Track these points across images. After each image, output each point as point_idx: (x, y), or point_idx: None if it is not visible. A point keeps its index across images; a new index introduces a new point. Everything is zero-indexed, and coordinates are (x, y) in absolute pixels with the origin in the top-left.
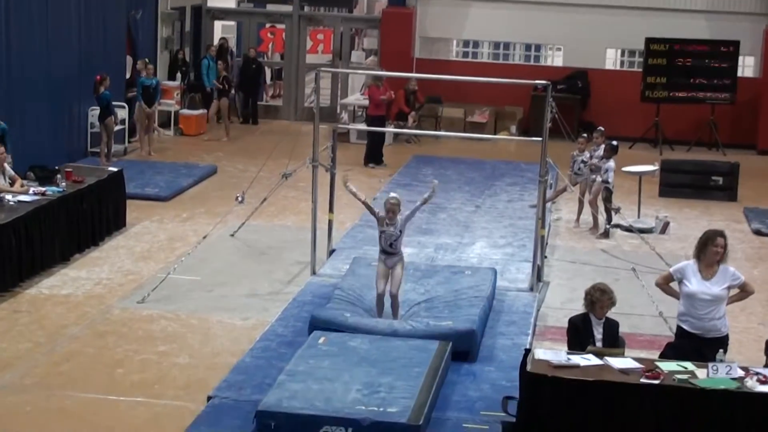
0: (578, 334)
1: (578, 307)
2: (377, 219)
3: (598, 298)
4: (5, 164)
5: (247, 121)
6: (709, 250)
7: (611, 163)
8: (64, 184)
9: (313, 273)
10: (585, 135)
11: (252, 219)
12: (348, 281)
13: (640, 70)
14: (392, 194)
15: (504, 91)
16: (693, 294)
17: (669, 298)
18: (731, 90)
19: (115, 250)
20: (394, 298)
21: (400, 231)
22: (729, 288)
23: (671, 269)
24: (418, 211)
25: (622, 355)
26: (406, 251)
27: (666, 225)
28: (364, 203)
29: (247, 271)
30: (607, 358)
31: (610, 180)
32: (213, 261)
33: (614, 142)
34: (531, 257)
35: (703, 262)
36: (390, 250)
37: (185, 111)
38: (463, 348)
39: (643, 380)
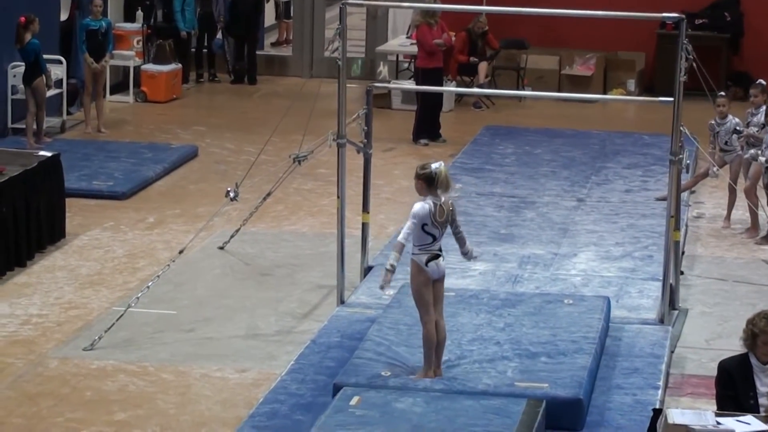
0: (733, 386)
1: (732, 347)
2: None
3: (764, 329)
4: None
5: (240, 79)
6: None
7: None
8: None
9: (342, 302)
10: (723, 94)
11: (250, 224)
12: (392, 315)
13: None
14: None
15: (617, 30)
16: None
17: None
18: None
19: (51, 272)
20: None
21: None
22: None
23: None
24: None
25: None
26: (476, 267)
27: None
28: None
29: (244, 300)
30: None
31: None
32: (194, 287)
33: None
34: (660, 274)
35: None
36: None
37: (150, 66)
38: (563, 422)
39: None
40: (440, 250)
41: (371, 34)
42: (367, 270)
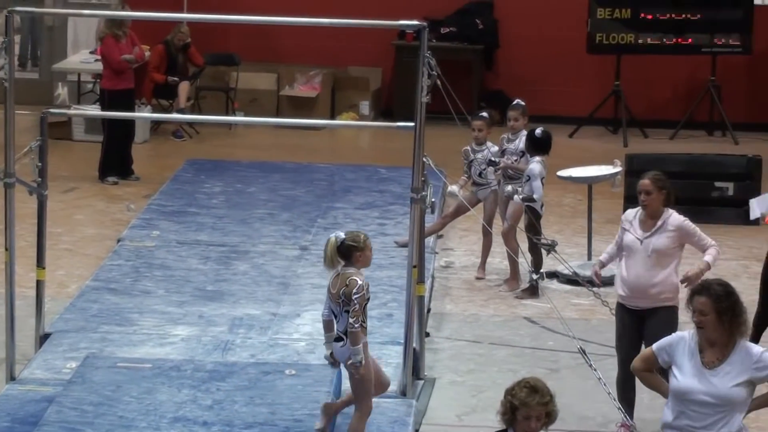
0: None
1: (489, 422)
2: None
3: (525, 401)
4: None
5: None
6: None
7: (536, 166)
8: None
9: (12, 378)
10: (484, 114)
11: None
12: (75, 393)
13: None
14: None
15: (347, 41)
16: (684, 392)
17: (655, 394)
18: (743, 30)
19: None
20: None
21: None
22: (749, 383)
23: (654, 346)
24: None
25: None
26: (177, 332)
27: None
28: None
29: None
30: None
31: (536, 195)
32: None
33: (539, 131)
34: (401, 337)
35: (704, 336)
36: None
37: None
38: None
39: None
40: (344, 332)
41: (46, 48)
42: (43, 338)
